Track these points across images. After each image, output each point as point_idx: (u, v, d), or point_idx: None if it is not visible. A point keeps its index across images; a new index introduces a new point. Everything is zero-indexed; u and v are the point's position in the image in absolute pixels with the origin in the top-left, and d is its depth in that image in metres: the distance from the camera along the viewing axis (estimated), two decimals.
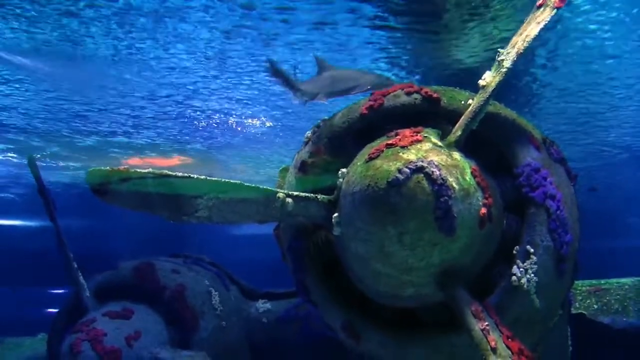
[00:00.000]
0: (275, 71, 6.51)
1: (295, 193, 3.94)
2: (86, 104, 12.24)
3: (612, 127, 14.37)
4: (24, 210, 20.18)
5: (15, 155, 16.89)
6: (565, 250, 3.85)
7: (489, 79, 3.79)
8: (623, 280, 7.56)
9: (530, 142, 4.02)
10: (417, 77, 10.04)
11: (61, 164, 17.84)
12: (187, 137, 15.27)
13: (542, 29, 3.83)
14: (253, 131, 14.28)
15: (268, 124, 13.67)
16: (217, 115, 13.07)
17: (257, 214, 3.91)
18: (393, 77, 9.49)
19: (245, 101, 11.93)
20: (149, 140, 15.41)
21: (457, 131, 3.74)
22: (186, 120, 13.49)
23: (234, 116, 13.12)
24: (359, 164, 3.62)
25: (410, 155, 3.43)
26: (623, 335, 6.74)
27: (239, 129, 14.13)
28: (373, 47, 8.91)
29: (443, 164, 3.43)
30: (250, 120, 13.51)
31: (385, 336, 4.04)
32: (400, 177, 3.29)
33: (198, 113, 12.99)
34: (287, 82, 6.26)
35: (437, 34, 8.29)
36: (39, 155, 16.52)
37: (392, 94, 4.22)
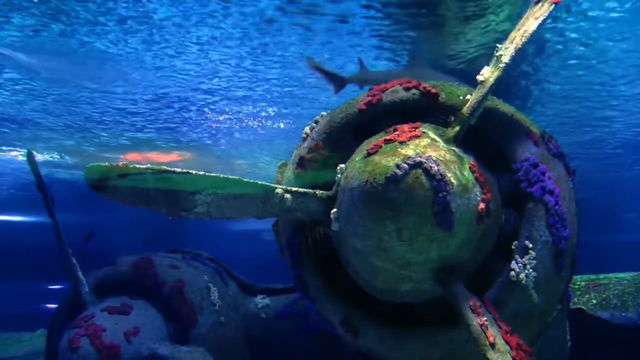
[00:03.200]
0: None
1: (294, 189, 3.94)
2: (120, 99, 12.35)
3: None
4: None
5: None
6: (563, 245, 3.85)
7: (487, 74, 3.79)
8: (622, 275, 7.56)
9: (529, 137, 4.01)
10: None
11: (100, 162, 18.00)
12: (209, 141, 15.41)
13: (540, 24, 3.84)
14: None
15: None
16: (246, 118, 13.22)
17: (256, 210, 3.92)
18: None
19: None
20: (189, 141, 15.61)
21: (455, 126, 3.74)
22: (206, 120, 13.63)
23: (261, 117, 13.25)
24: (357, 159, 3.62)
25: (409, 150, 3.42)
26: (622, 330, 6.75)
27: (262, 131, 14.25)
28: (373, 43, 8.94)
29: (441, 159, 3.43)
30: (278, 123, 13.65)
31: (384, 331, 4.04)
32: (399, 172, 3.29)
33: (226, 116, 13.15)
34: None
35: (436, 27, 8.30)
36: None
37: (390, 89, 4.21)
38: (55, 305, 6.62)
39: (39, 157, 16.10)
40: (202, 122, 13.86)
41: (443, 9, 7.65)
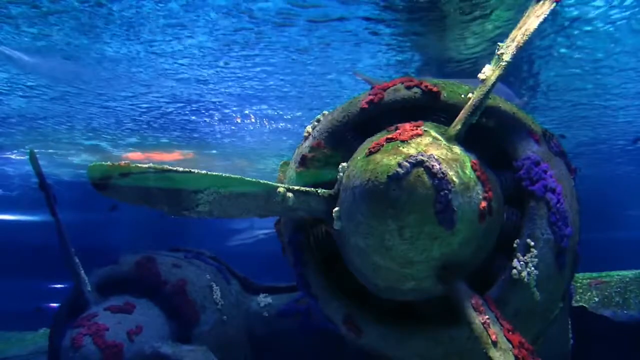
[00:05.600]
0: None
1: (296, 187, 3.94)
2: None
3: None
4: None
5: None
6: (565, 243, 3.86)
7: (488, 72, 3.80)
8: (624, 272, 7.54)
9: (530, 135, 4.02)
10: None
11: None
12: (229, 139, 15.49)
13: (541, 23, 3.84)
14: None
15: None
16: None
17: (258, 209, 3.92)
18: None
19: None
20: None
21: (457, 125, 3.74)
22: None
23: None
24: (359, 158, 3.62)
25: (411, 149, 3.43)
26: (624, 328, 6.73)
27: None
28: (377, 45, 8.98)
29: (443, 157, 3.43)
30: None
31: (386, 329, 4.04)
32: (401, 171, 3.29)
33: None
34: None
35: (438, 27, 8.30)
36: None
37: (392, 87, 4.22)
38: (58, 304, 6.64)
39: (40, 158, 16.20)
40: (212, 122, 13.93)
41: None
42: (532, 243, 3.79)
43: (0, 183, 21.63)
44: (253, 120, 13.64)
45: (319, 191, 3.94)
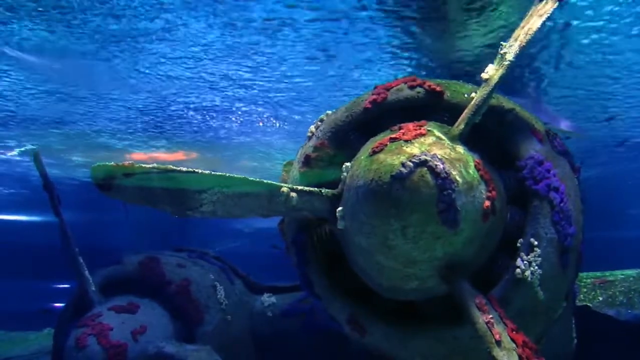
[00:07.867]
0: None
1: (300, 187, 3.94)
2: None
3: None
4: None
5: None
6: (569, 242, 3.85)
7: (491, 72, 3.79)
8: (628, 272, 7.55)
9: (533, 135, 4.02)
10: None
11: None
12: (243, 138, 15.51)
13: (544, 22, 3.84)
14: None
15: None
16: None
17: (261, 209, 3.92)
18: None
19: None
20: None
21: (460, 124, 3.74)
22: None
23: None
24: (362, 157, 3.63)
25: (414, 149, 3.43)
26: (628, 327, 6.72)
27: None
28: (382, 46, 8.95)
29: (446, 157, 3.43)
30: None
31: (389, 329, 4.05)
32: (404, 170, 3.29)
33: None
34: None
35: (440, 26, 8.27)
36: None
37: (395, 87, 4.22)
38: (63, 304, 6.66)
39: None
40: (232, 125, 13.91)
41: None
42: (536, 242, 3.79)
43: (26, 185, 21.75)
44: (277, 124, 13.61)
45: (322, 191, 3.94)
